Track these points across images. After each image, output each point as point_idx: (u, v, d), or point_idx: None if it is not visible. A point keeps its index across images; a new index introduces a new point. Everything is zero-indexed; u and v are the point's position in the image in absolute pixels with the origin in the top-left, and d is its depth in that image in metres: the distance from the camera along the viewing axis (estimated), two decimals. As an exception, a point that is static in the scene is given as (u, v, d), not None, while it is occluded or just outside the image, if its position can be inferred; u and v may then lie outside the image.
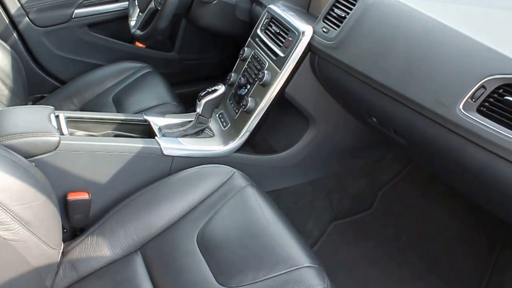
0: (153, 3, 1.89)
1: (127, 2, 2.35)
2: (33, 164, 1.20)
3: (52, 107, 1.45)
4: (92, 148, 1.36)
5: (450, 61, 1.01)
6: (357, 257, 1.81)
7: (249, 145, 1.65)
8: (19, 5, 2.17)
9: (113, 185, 1.42)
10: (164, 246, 1.24)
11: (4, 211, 0.96)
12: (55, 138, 1.28)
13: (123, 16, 2.34)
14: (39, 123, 1.33)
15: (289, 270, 1.09)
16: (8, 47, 1.93)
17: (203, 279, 1.12)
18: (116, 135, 1.55)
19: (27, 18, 2.19)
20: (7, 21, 2.15)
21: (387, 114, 1.24)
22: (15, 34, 2.17)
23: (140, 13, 2.01)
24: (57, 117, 1.44)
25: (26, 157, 1.18)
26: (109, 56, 2.40)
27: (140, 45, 2.39)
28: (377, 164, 2.01)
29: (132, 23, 2.04)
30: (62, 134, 1.37)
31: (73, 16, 2.30)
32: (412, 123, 1.13)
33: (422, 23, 1.11)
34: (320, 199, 1.90)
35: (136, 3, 2.02)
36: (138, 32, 1.94)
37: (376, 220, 1.94)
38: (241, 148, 1.60)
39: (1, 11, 2.13)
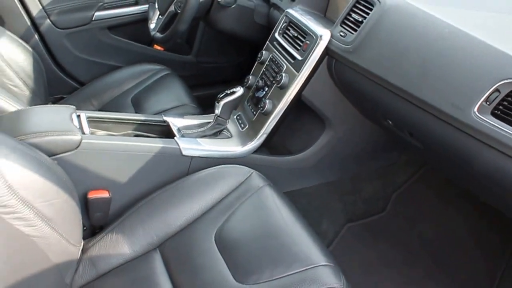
0: (173, 6, 1.91)
1: (146, 5, 2.39)
2: (56, 162, 1.22)
3: (74, 107, 1.48)
4: (113, 148, 1.38)
5: (465, 65, 1.02)
6: (371, 258, 1.82)
7: (266, 147, 1.67)
8: (40, 7, 2.21)
9: (133, 184, 1.44)
10: (182, 245, 1.25)
11: (28, 207, 0.97)
12: (77, 137, 1.31)
13: (143, 19, 2.38)
14: (61, 122, 1.36)
15: (305, 268, 1.11)
16: (30, 48, 1.97)
17: (221, 277, 1.14)
18: (135, 135, 1.58)
19: (48, 20, 2.24)
20: (29, 23, 2.19)
21: (403, 117, 1.25)
22: (36, 36, 2.22)
23: (160, 16, 2.04)
24: (78, 116, 1.47)
25: (48, 155, 1.21)
26: (128, 58, 2.44)
27: (159, 47, 2.42)
28: (391, 167, 2.02)
29: (152, 25, 2.07)
30: (83, 133, 1.39)
31: (93, 19, 2.34)
32: (427, 126, 1.15)
33: (438, 28, 1.13)
34: (334, 201, 1.92)
35: (156, 6, 2.05)
36: (158, 34, 1.97)
37: (390, 222, 1.95)
38: (258, 149, 1.62)
39: (23, 13, 2.17)
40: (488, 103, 0.96)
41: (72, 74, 2.38)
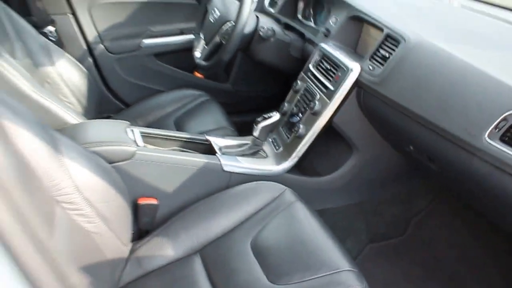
0: (218, 37, 2.06)
1: (190, 35, 2.57)
2: (113, 169, 1.38)
3: (128, 122, 1.65)
4: (163, 160, 1.54)
5: (477, 97, 1.16)
6: (390, 273, 1.92)
7: (296, 167, 1.80)
8: (96, 33, 2.40)
9: (178, 193, 1.59)
10: (221, 250, 1.37)
11: (90, 206, 1.11)
12: (132, 149, 1.48)
13: (186, 48, 2.54)
14: (118, 134, 1.53)
15: (331, 272, 1.23)
16: (85, 70, 2.15)
17: (256, 278, 1.26)
18: (181, 151, 1.73)
19: (102, 45, 2.43)
20: (85, 47, 2.38)
21: (423, 143, 1.39)
22: (90, 59, 2.40)
23: (205, 46, 2.18)
24: (132, 131, 1.64)
25: (107, 163, 1.37)
26: (170, 83, 2.60)
27: (199, 75, 2.58)
28: (412, 193, 2.12)
29: (197, 54, 2.20)
30: (137, 145, 1.55)
31: (141, 46, 2.52)
32: (445, 151, 1.29)
33: (454, 65, 1.27)
34: (359, 222, 2.03)
35: (202, 36, 2.21)
36: (203, 62, 2.12)
37: (409, 244, 2.04)
38: (290, 169, 1.76)
39: (81, 38, 2.36)
40: (497, 130, 1.10)
41: (119, 95, 2.55)
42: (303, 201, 1.52)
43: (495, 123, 1.10)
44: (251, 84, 2.75)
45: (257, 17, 2.11)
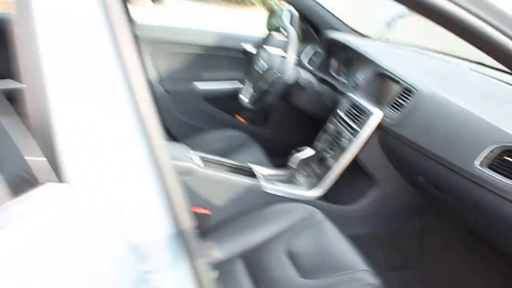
0: (264, 84, 2.38)
1: (235, 82, 2.92)
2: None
3: (189, 147, 1.99)
4: (218, 179, 1.88)
5: (471, 134, 1.51)
6: None
7: (323, 196, 2.11)
8: (157, 75, 2.78)
9: (226, 207, 1.90)
10: (260, 254, 1.62)
11: None
12: (195, 167, 1.82)
13: (231, 93, 2.87)
14: (184, 155, 1.87)
15: (352, 271, 1.53)
16: None
17: (290, 275, 1.54)
18: (231, 174, 2.03)
19: (161, 86, 2.80)
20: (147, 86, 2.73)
21: (431, 173, 1.72)
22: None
23: (253, 92, 2.51)
24: (192, 154, 1.97)
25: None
26: (215, 124, 2.93)
27: (241, 119, 2.90)
28: (426, 228, 2.34)
29: (245, 99, 2.54)
30: (198, 165, 1.88)
31: (193, 89, 2.87)
32: (448, 178, 1.60)
33: (455, 110, 1.62)
34: (376, 250, 2.25)
35: (249, 84, 2.55)
36: (249, 106, 2.46)
37: (422, 276, 2.25)
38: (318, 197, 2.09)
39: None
40: (486, 159, 1.43)
41: (170, 131, 2.89)
42: (329, 220, 1.79)
43: (484, 153, 1.43)
44: (287, 126, 3.03)
45: (298, 70, 2.47)
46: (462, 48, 2.00)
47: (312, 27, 2.88)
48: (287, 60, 2.23)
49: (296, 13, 2.86)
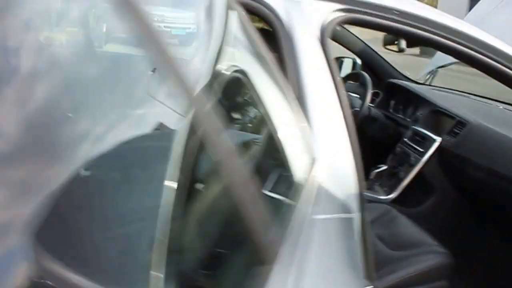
0: None
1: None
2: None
3: None
4: None
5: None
6: None
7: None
8: None
9: None
10: None
11: None
12: None
13: None
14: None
15: (428, 245, 2.17)
16: None
17: (380, 248, 2.18)
18: None
19: None
20: None
21: (486, 185, 2.42)
22: None
23: None
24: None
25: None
26: None
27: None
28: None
29: None
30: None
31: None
32: (502, 189, 2.28)
33: (497, 136, 2.37)
34: None
35: None
36: None
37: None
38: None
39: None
40: None
41: None
42: (403, 214, 2.47)
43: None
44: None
45: (369, 106, 3.19)
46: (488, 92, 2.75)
47: (373, 74, 3.59)
48: (366, 99, 2.96)
49: (359, 62, 3.61)
